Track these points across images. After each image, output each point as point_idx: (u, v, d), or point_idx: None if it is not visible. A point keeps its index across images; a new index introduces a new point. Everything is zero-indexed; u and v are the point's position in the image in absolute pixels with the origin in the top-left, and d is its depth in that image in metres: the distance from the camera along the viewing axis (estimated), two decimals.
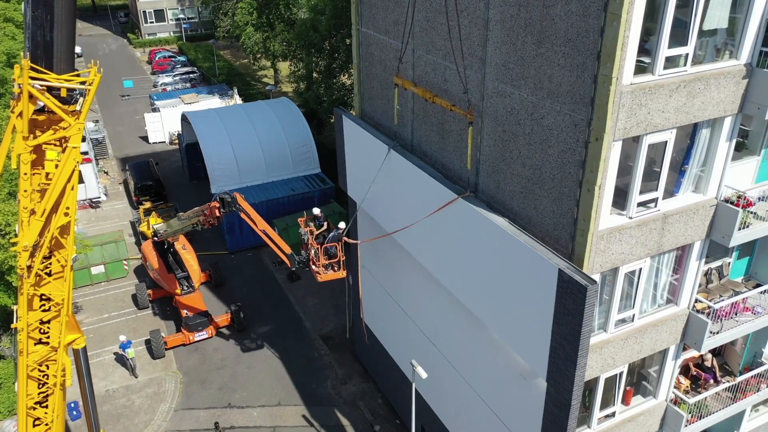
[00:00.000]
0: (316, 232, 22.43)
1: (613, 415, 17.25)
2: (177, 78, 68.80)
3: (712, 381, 18.89)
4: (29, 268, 13.04)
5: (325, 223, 22.94)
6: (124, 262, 35.22)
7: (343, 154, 23.49)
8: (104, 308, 32.98)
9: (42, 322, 13.95)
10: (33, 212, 12.68)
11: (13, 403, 23.74)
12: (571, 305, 13.33)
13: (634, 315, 15.74)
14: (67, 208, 12.96)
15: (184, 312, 30.11)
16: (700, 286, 17.23)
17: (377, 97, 21.80)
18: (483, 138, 16.42)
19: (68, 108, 12.47)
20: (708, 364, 18.85)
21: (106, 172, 48.60)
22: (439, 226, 18.01)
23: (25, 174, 12.37)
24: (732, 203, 15.23)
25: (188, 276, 31.42)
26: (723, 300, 16.97)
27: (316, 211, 23.10)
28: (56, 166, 12.49)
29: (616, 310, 15.37)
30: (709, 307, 16.73)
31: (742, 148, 16.13)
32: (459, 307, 18.64)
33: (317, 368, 28.66)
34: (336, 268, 22.24)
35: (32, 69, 11.89)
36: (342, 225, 22.06)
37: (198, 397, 27.07)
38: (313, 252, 21.90)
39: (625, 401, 17.72)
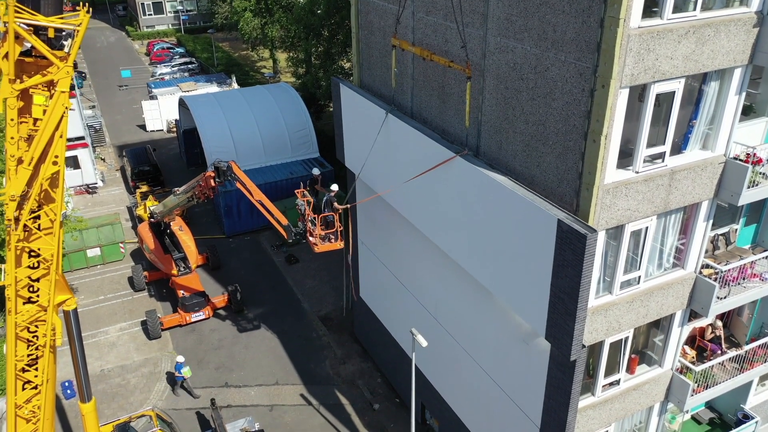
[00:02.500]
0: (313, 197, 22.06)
1: (617, 382, 16.83)
2: (175, 68, 68.38)
3: (719, 352, 18.49)
4: (17, 220, 12.65)
5: (319, 184, 22.54)
6: (121, 245, 34.78)
7: (340, 124, 23.08)
8: (100, 290, 32.57)
9: (31, 281, 13.55)
10: (20, 161, 12.29)
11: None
12: (571, 256, 12.94)
13: (639, 277, 15.33)
14: (56, 156, 12.55)
15: (180, 292, 29.68)
16: (706, 252, 16.83)
17: (377, 66, 21.38)
18: (485, 98, 16.02)
19: (57, 54, 12.07)
20: (718, 332, 18.42)
21: (103, 159, 48.19)
22: (437, 189, 17.63)
23: (12, 120, 11.96)
24: (741, 161, 14.82)
25: (185, 257, 30.98)
26: (730, 264, 16.55)
27: (316, 171, 22.64)
28: (44, 112, 12.11)
29: (622, 271, 14.95)
30: (716, 271, 16.33)
31: (749, 113, 15.75)
32: (459, 274, 18.25)
33: (316, 348, 28.25)
34: (333, 239, 21.80)
35: (18, 10, 11.48)
36: (334, 187, 21.67)
37: (195, 377, 26.60)
38: (309, 221, 21.48)
39: (630, 369, 17.31)
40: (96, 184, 43.75)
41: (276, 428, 23.93)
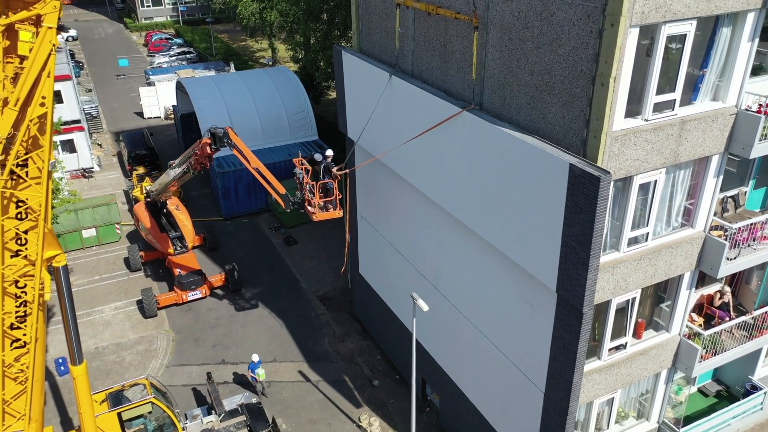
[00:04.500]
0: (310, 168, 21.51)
1: (624, 346, 16.38)
2: (173, 58, 67.94)
3: (727, 318, 18.04)
4: (2, 165, 12.18)
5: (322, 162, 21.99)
6: (117, 226, 34.29)
7: (342, 94, 22.63)
8: (95, 270, 32.10)
9: (19, 233, 13.08)
10: (6, 102, 11.83)
11: None
12: (583, 201, 12.48)
13: (648, 234, 14.87)
14: (43, 97, 12.07)
15: (176, 271, 29.19)
16: (715, 214, 16.38)
17: (376, 32, 20.92)
18: (488, 51, 15.56)
19: None
20: (726, 298, 17.97)
21: (100, 145, 47.71)
22: (441, 148, 17.19)
23: None
24: (753, 112, 14.35)
25: (181, 236, 30.50)
26: (740, 223, 16.10)
27: (328, 152, 22.04)
28: (31, 50, 11.66)
29: (629, 227, 14.49)
30: (725, 232, 15.87)
31: (759, 72, 15.28)
32: (462, 239, 17.80)
33: (314, 327, 27.78)
34: (332, 207, 21.31)
35: None
36: (329, 152, 21.18)
37: (191, 354, 26.18)
38: (308, 189, 21.00)
39: (637, 334, 16.86)
40: (92, 168, 43.32)
41: (274, 404, 23.45)
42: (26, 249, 13.28)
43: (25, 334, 14.09)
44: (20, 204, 12.96)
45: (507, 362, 17.34)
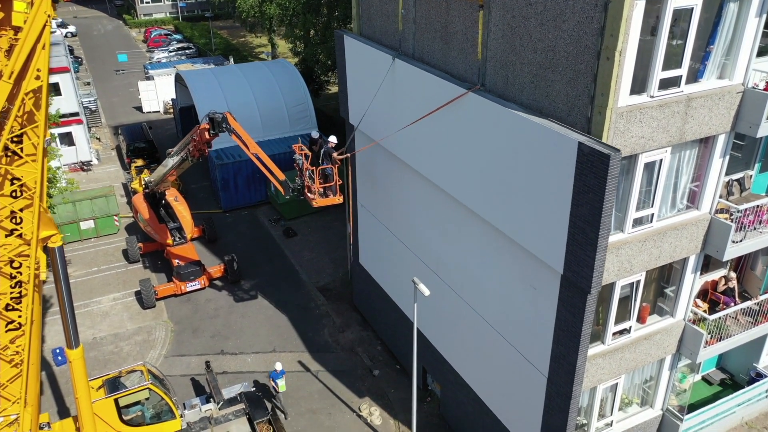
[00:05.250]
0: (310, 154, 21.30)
1: (628, 331, 16.15)
2: (172, 53, 67.70)
3: (732, 304, 17.83)
4: None
5: (319, 141, 21.78)
6: (115, 218, 34.05)
7: (344, 79, 22.40)
8: (93, 262, 31.85)
9: (14, 212, 12.86)
10: (0, 75, 11.61)
11: None
12: (592, 180, 12.25)
13: (653, 215, 14.64)
14: (39, 70, 11.85)
15: (175, 261, 28.96)
16: (720, 197, 16.16)
17: (376, 16, 20.70)
18: (490, 31, 15.33)
19: None
20: (731, 284, 17.76)
21: (99, 139, 47.46)
22: (445, 131, 16.97)
23: None
24: (760, 90, 14.14)
25: (180, 227, 30.28)
26: (746, 204, 15.89)
27: (315, 133, 21.93)
28: (25, 21, 11.45)
29: (634, 207, 14.26)
30: (730, 214, 15.66)
31: (765, 54, 15.07)
32: (464, 224, 17.58)
33: (314, 317, 27.55)
34: (332, 194, 21.09)
35: None
36: (333, 139, 21.01)
37: (189, 345, 25.94)
38: (308, 175, 20.78)
39: (642, 319, 16.63)
40: (91, 161, 43.08)
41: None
42: (21, 228, 13.06)
43: (20, 316, 13.87)
44: (15, 181, 12.74)
45: (509, 348, 17.11)
